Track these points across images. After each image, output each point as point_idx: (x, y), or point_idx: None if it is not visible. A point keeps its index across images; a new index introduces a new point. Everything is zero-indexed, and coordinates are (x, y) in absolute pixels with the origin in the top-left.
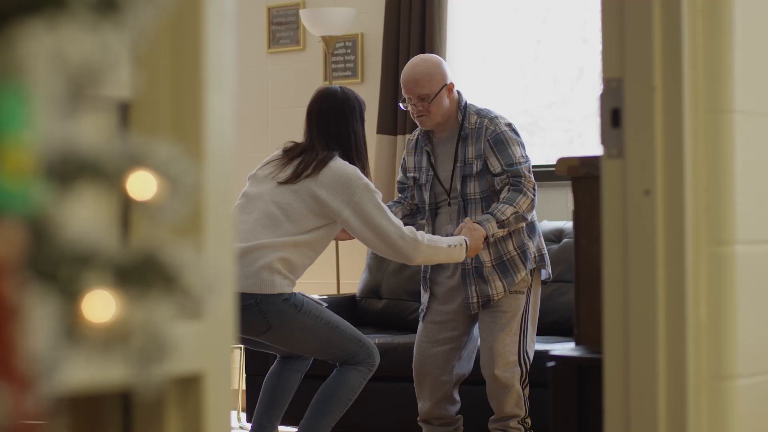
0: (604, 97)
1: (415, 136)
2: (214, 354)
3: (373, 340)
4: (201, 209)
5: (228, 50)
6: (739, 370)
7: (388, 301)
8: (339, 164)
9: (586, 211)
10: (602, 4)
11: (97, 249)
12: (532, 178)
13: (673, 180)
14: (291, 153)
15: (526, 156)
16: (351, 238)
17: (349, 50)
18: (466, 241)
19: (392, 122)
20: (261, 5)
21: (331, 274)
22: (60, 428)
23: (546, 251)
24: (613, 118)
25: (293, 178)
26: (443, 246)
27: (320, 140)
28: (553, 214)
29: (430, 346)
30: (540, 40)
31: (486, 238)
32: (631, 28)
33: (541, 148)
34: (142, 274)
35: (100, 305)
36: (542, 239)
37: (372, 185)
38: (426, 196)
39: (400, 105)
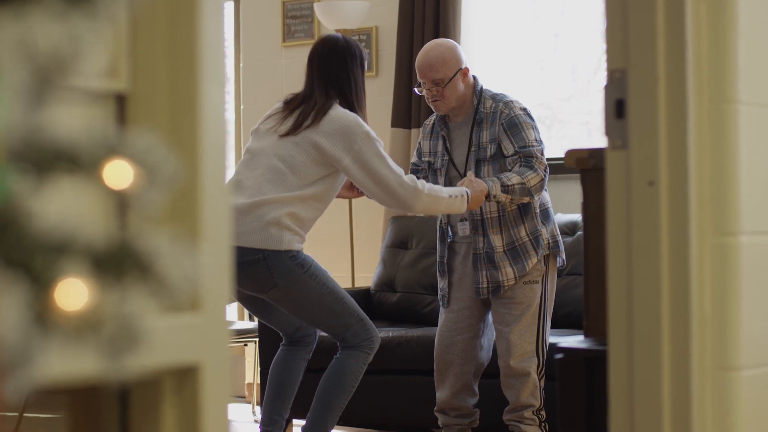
0: (608, 88)
1: (432, 121)
2: (210, 346)
3: (387, 333)
4: (196, 200)
5: (221, 42)
6: (743, 361)
7: (402, 294)
8: (339, 112)
9: (595, 203)
10: None
11: (71, 237)
12: (545, 161)
13: (678, 171)
14: (291, 104)
15: (540, 140)
16: (357, 195)
17: (363, 44)
18: (467, 193)
19: (406, 116)
20: None
21: (346, 267)
22: (58, 421)
23: (560, 238)
24: (617, 109)
25: (294, 129)
26: (444, 196)
27: (320, 85)
28: (568, 207)
29: (451, 335)
30: (558, 33)
31: (488, 197)
32: (635, 18)
33: (559, 141)
34: (117, 264)
35: (73, 294)
36: (556, 226)
37: (373, 133)
38: (441, 180)
39: (415, 90)
